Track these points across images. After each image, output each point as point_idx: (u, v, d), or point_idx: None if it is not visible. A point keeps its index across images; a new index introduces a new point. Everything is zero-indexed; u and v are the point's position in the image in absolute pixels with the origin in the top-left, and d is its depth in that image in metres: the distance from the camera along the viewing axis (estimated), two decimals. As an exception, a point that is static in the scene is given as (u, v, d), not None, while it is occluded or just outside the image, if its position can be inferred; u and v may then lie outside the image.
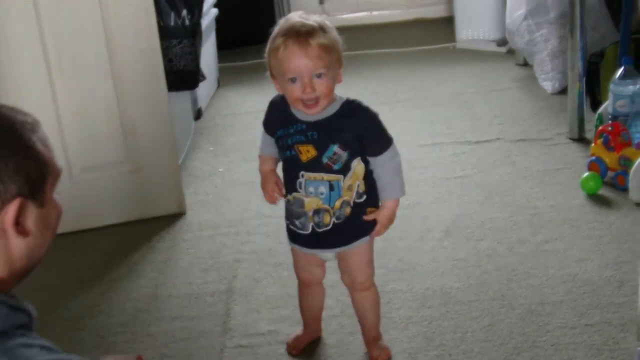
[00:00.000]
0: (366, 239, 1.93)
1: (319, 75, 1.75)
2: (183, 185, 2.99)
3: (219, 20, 4.17)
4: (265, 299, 2.37)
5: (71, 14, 2.65)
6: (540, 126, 3.40)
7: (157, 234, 2.81)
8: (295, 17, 1.78)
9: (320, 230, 1.88)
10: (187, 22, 3.04)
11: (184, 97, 3.45)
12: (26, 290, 2.64)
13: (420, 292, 2.32)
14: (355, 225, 1.90)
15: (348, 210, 1.86)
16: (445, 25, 4.94)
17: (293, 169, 1.86)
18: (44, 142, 1.19)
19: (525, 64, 4.12)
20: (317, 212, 1.86)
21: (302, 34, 1.73)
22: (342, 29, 1.85)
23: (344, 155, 1.82)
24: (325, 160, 1.82)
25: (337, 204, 1.85)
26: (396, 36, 4.91)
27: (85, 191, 2.83)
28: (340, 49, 1.80)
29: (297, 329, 2.17)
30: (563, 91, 3.55)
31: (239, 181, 3.15)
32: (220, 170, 3.28)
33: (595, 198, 2.76)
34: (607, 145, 2.85)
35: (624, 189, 2.76)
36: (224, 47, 4.40)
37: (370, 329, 2.06)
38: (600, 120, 3.09)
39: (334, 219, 1.86)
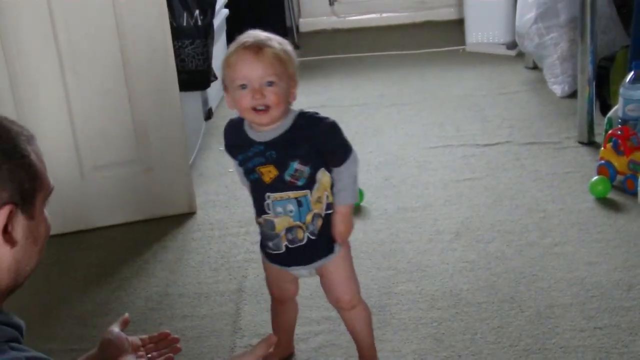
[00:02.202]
0: (338, 248, 1.88)
1: (270, 84, 1.72)
2: (193, 185, 3.00)
3: (229, 20, 4.18)
4: (275, 299, 2.38)
5: (85, 13, 2.66)
6: (550, 129, 3.41)
7: (167, 233, 2.83)
8: (255, 32, 1.77)
9: (294, 246, 1.85)
10: (199, 22, 3.05)
11: (194, 97, 3.46)
12: (37, 289, 2.65)
13: (430, 294, 2.33)
14: (328, 237, 1.86)
15: (320, 222, 1.83)
16: (455, 28, 4.95)
17: (259, 191, 1.84)
18: (38, 155, 1.19)
19: (535, 67, 4.13)
20: (289, 230, 1.83)
21: (256, 42, 1.73)
22: (351, 31, 1.84)
23: (305, 170, 1.79)
24: (287, 178, 1.79)
25: (309, 217, 1.82)
26: (405, 38, 4.92)
27: (96, 190, 2.85)
28: (295, 65, 1.77)
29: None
30: (573, 95, 3.56)
31: (249, 181, 3.16)
32: (230, 170, 3.29)
33: (604, 202, 2.77)
34: (616, 149, 2.86)
35: (633, 193, 2.77)
36: (234, 47, 4.40)
37: (364, 348, 2.02)
38: (610, 124, 3.09)
39: (307, 234, 1.83)
